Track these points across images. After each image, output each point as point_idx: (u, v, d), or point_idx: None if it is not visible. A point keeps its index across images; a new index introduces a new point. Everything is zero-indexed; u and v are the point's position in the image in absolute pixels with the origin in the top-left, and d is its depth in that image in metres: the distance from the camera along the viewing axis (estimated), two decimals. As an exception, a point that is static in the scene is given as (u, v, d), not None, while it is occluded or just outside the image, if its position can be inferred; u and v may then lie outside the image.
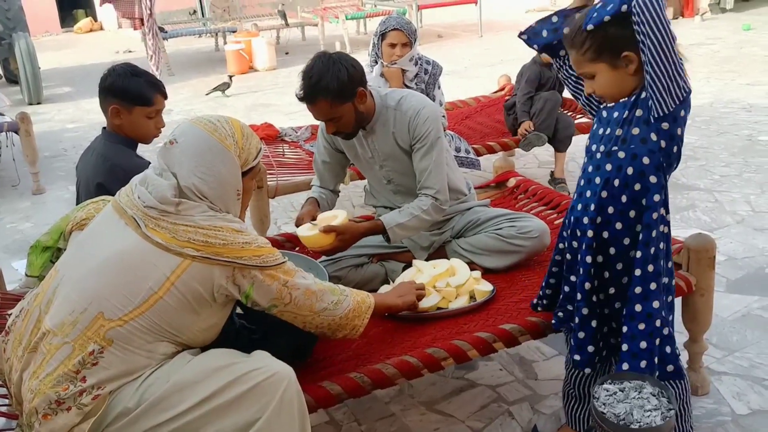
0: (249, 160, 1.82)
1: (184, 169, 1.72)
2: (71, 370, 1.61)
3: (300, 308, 1.82)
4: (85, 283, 1.67)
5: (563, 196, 3.08)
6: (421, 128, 2.57)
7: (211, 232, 1.68)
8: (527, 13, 13.56)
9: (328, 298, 1.87)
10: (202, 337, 1.78)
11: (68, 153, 6.30)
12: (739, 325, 2.85)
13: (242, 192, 1.83)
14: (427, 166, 2.59)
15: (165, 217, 1.68)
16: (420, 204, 2.59)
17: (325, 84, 2.41)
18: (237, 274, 1.71)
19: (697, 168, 4.68)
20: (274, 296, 1.78)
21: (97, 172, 2.43)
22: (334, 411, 2.47)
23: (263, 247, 1.75)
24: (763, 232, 3.67)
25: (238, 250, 1.69)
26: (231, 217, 1.76)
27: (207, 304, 1.72)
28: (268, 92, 8.38)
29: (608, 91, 1.85)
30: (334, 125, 2.54)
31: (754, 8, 11.69)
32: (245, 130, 1.82)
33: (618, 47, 1.76)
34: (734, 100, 6.27)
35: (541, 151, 5.16)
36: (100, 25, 16.73)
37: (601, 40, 1.76)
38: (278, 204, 4.52)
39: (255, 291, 1.75)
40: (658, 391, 1.94)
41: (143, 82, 2.50)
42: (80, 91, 9.08)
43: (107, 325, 1.63)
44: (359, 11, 11.46)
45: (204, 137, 1.75)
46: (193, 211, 1.70)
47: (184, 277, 1.66)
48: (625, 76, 1.80)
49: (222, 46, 10.99)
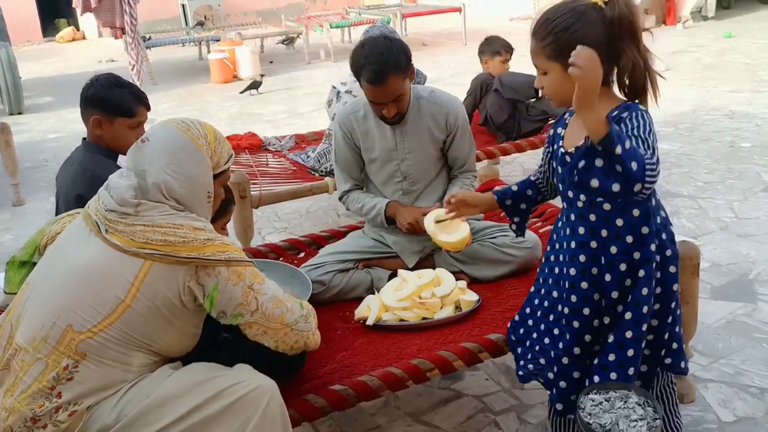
0: (220, 164, 1.80)
1: (155, 167, 1.68)
2: (46, 386, 1.58)
3: (269, 319, 1.72)
4: (53, 296, 1.64)
5: (549, 204, 3.07)
6: (459, 119, 2.71)
7: (170, 230, 1.63)
8: (511, 21, 13.64)
9: (297, 310, 1.78)
10: (178, 346, 1.74)
11: (49, 164, 6.22)
12: (724, 331, 2.86)
13: (213, 197, 1.79)
14: (470, 151, 2.78)
15: (123, 219, 1.63)
16: (467, 181, 2.77)
17: (395, 60, 2.46)
18: (201, 273, 1.64)
19: (680, 175, 4.71)
20: (239, 301, 1.67)
21: (76, 183, 2.39)
22: (319, 424, 2.44)
23: (228, 244, 1.69)
24: (747, 238, 3.69)
25: (200, 246, 1.63)
26: (194, 216, 1.70)
27: (178, 310, 1.66)
28: (252, 101, 8.35)
29: (554, 93, 1.76)
30: (396, 106, 2.56)
31: (735, 16, 11.83)
32: (218, 134, 1.81)
33: None
34: (716, 107, 6.32)
35: (527, 158, 5.17)
36: (83, 34, 16.62)
37: (564, 42, 1.66)
38: (262, 214, 4.49)
39: (219, 293, 1.65)
40: (643, 400, 1.93)
41: (126, 94, 2.48)
42: (62, 101, 9.00)
43: (77, 338, 1.59)
44: (344, 20, 11.46)
45: (176, 136, 1.72)
46: (153, 211, 1.65)
47: (148, 281, 1.60)
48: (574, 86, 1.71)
49: (206, 55, 10.94)
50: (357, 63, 2.51)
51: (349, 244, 2.78)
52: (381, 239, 2.76)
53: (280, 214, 4.57)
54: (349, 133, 2.74)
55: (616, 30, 1.64)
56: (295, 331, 1.77)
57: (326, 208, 4.63)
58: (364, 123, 2.70)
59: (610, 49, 1.64)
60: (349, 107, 2.77)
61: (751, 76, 7.47)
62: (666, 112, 6.27)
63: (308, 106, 7.81)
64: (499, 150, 4.13)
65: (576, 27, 1.65)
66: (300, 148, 4.45)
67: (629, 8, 1.63)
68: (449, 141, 2.73)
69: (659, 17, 11.53)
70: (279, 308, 1.73)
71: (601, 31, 1.64)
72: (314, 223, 4.39)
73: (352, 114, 2.72)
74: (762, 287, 3.18)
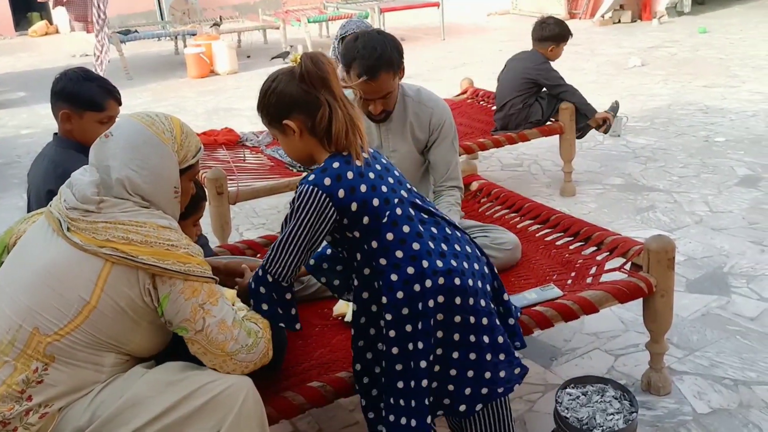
0: (188, 158, 1.74)
1: (118, 161, 1.64)
2: (15, 390, 1.54)
3: (210, 343, 1.62)
4: (18, 298, 1.59)
5: (526, 200, 3.08)
6: (443, 121, 2.64)
7: (132, 227, 1.58)
8: (489, 17, 13.68)
9: (243, 339, 1.66)
10: (149, 344, 1.70)
11: (22, 160, 6.12)
12: (699, 324, 2.89)
13: (180, 192, 1.74)
14: (452, 158, 2.67)
15: (85, 216, 1.59)
16: (453, 199, 2.63)
17: (388, 56, 2.43)
18: (157, 279, 1.58)
19: (656, 169, 4.75)
20: (186, 317, 1.60)
21: (47, 179, 2.35)
22: (298, 420, 2.43)
23: (193, 256, 1.61)
24: (721, 231, 3.73)
25: (161, 252, 1.57)
26: (159, 213, 1.65)
27: (142, 310, 1.61)
28: (229, 96, 8.29)
29: (290, 154, 1.88)
30: (383, 103, 2.53)
31: (710, 11, 11.97)
32: (185, 128, 1.76)
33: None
34: (691, 102, 6.39)
35: (504, 153, 5.19)
36: (56, 28, 16.36)
37: (273, 107, 1.79)
38: (240, 210, 4.46)
39: (169, 303, 1.59)
40: (620, 394, 1.94)
41: (95, 87, 2.43)
42: (35, 96, 8.86)
43: (44, 340, 1.56)
44: (321, 14, 11.40)
45: (140, 130, 1.68)
46: (115, 208, 1.60)
47: (111, 282, 1.56)
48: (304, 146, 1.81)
49: (182, 50, 10.83)
50: (349, 55, 2.46)
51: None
52: None
53: (258, 210, 4.55)
54: None
55: (307, 83, 1.72)
56: (234, 360, 1.66)
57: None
58: None
59: (309, 99, 1.73)
60: None
61: (725, 71, 7.56)
62: (642, 107, 6.33)
63: (286, 101, 7.76)
64: (478, 145, 4.13)
65: (273, 87, 1.76)
66: (277, 143, 4.41)
67: (316, 64, 1.72)
68: (430, 142, 2.68)
69: (635, 12, 11.64)
70: (223, 334, 1.63)
71: (295, 86, 1.73)
72: (292, 218, 4.36)
73: None
74: (736, 280, 3.22)
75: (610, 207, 4.17)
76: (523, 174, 4.89)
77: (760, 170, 4.59)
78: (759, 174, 4.53)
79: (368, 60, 2.41)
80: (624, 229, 3.69)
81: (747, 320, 2.90)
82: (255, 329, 1.72)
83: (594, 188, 4.49)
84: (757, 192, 4.23)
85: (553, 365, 2.67)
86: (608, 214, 4.05)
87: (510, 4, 13.91)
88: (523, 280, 2.52)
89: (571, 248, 2.69)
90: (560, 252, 2.68)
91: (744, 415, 2.34)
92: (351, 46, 2.47)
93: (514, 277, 2.57)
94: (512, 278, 2.56)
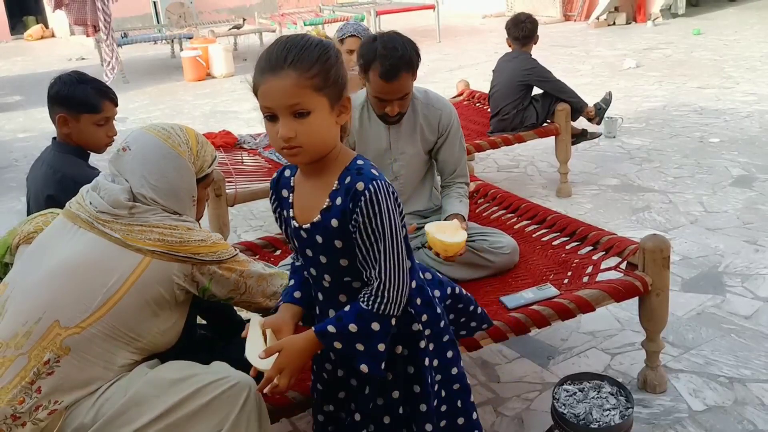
0: (204, 168, 1.81)
1: (137, 177, 1.70)
2: (27, 381, 1.57)
3: (254, 295, 1.84)
4: (38, 292, 1.63)
5: (523, 200, 3.10)
6: (451, 121, 2.69)
7: (166, 230, 1.68)
8: (484, 19, 13.72)
9: (277, 281, 1.88)
10: (162, 340, 1.74)
11: (19, 163, 6.14)
12: (694, 323, 2.92)
13: (197, 199, 1.82)
14: (460, 157, 2.73)
15: (118, 220, 1.66)
16: (462, 191, 2.70)
17: (408, 57, 2.43)
18: (195, 272, 1.72)
19: (651, 170, 4.78)
20: (231, 287, 1.79)
21: (47, 184, 2.37)
22: (298, 420, 2.44)
23: (217, 243, 1.76)
24: (716, 231, 3.76)
25: (195, 247, 1.70)
26: (185, 218, 1.76)
27: (166, 303, 1.70)
28: (226, 99, 8.31)
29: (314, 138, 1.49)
30: (400, 104, 2.53)
31: (704, 13, 12.03)
32: (200, 138, 1.81)
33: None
34: (686, 103, 6.43)
35: (500, 155, 5.22)
36: (52, 32, 16.37)
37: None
38: (238, 212, 4.48)
39: (214, 285, 1.76)
40: (616, 390, 1.97)
41: (90, 90, 2.45)
42: (31, 100, 8.86)
43: (64, 333, 1.59)
44: (317, 17, 11.43)
45: (157, 144, 1.72)
46: (147, 213, 1.69)
47: (144, 277, 1.64)
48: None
49: (178, 53, 10.85)
50: (368, 56, 2.45)
51: None
52: None
53: (256, 212, 4.56)
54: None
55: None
56: (273, 300, 1.85)
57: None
58: (358, 123, 2.67)
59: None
60: None
61: (719, 72, 7.60)
62: (637, 108, 6.37)
63: (282, 104, 7.78)
64: (474, 147, 4.16)
65: (340, 60, 1.49)
66: (275, 146, 4.44)
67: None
68: (439, 143, 2.71)
69: (630, 14, 11.69)
70: (261, 285, 1.84)
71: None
72: (290, 220, 4.38)
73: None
74: (730, 279, 3.25)
75: (606, 207, 4.20)
76: (520, 175, 4.92)
77: (754, 170, 4.62)
78: (753, 174, 4.56)
79: (389, 60, 2.40)
80: (620, 229, 3.72)
81: (741, 319, 2.92)
82: (284, 272, 1.89)
83: (590, 189, 4.52)
84: (751, 192, 4.27)
85: (550, 364, 2.70)
86: (604, 215, 4.08)
87: (505, 6, 13.95)
88: (520, 280, 2.55)
89: (568, 248, 2.71)
90: (557, 252, 2.71)
91: (739, 412, 2.37)
92: (370, 46, 2.45)
93: (511, 277, 2.59)
94: (509, 278, 2.58)
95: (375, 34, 2.53)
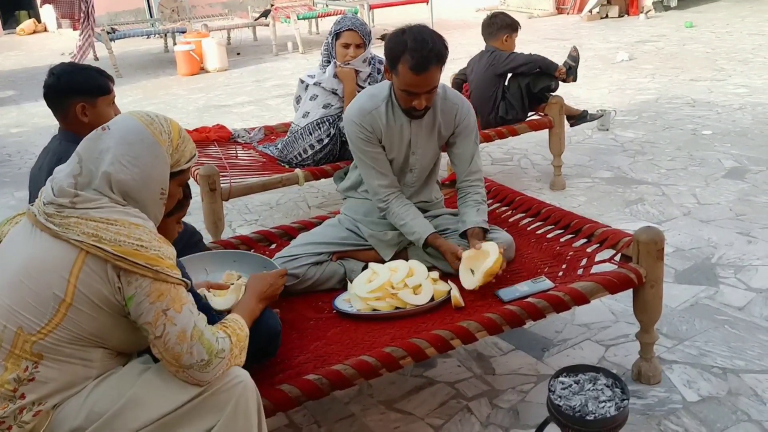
0: (181, 162, 1.74)
1: (110, 154, 1.63)
2: (8, 389, 1.55)
3: (167, 351, 1.57)
4: (1, 299, 1.58)
5: (517, 193, 3.11)
6: (467, 117, 2.69)
7: (102, 224, 1.55)
8: (477, 12, 13.71)
9: (198, 355, 1.58)
10: (131, 340, 1.67)
11: (13, 158, 6.10)
12: (687, 314, 2.94)
13: (167, 195, 1.73)
14: (475, 151, 2.74)
15: (60, 212, 1.58)
16: (479, 197, 2.69)
17: (438, 49, 2.42)
18: (123, 277, 1.54)
19: (645, 162, 4.80)
20: (148, 320, 1.56)
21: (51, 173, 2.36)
22: (294, 413, 2.45)
23: (162, 258, 1.56)
24: (708, 223, 3.78)
25: (130, 252, 1.52)
26: (135, 212, 1.61)
27: (117, 307, 1.58)
28: (219, 93, 8.28)
29: None
30: (427, 98, 2.52)
31: (696, 6, 12.05)
32: (183, 133, 1.76)
33: None
34: (678, 96, 6.45)
35: (494, 148, 5.23)
36: (44, 26, 16.28)
37: None
38: (232, 206, 4.47)
39: (133, 305, 1.55)
40: (611, 382, 1.98)
41: (95, 73, 2.51)
42: (24, 94, 8.82)
43: (30, 339, 1.55)
44: (311, 11, 11.41)
45: (138, 128, 1.68)
46: (89, 204, 1.59)
47: (83, 277, 1.54)
48: None
49: (171, 47, 10.81)
50: (398, 48, 2.43)
51: (323, 234, 2.75)
52: (356, 230, 2.76)
53: (251, 206, 4.56)
54: (371, 130, 2.63)
55: None
56: (187, 374, 1.60)
57: (296, 200, 4.63)
58: (385, 119, 2.63)
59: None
60: (366, 104, 2.63)
61: (711, 65, 7.63)
62: (630, 101, 6.38)
63: (276, 98, 7.78)
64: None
65: None
66: (269, 140, 4.43)
67: None
68: (453, 138, 2.72)
69: (622, 7, 11.70)
70: (180, 346, 1.57)
71: None
72: (285, 214, 4.39)
73: (375, 110, 2.61)
74: (723, 271, 3.27)
75: (600, 200, 4.22)
76: (513, 168, 4.93)
77: (747, 162, 4.65)
78: (745, 166, 4.58)
79: (420, 52, 2.38)
80: (613, 221, 3.74)
81: (735, 310, 2.94)
82: (217, 347, 1.62)
83: (583, 182, 4.54)
84: (743, 184, 4.29)
85: (545, 356, 2.71)
86: (598, 207, 4.10)
87: (498, 0, 13.94)
88: (515, 273, 2.55)
89: (562, 241, 2.72)
90: (551, 245, 2.72)
91: (733, 403, 2.38)
92: (399, 39, 2.44)
93: (507, 270, 2.60)
94: (504, 272, 2.58)
95: (403, 27, 2.49)
